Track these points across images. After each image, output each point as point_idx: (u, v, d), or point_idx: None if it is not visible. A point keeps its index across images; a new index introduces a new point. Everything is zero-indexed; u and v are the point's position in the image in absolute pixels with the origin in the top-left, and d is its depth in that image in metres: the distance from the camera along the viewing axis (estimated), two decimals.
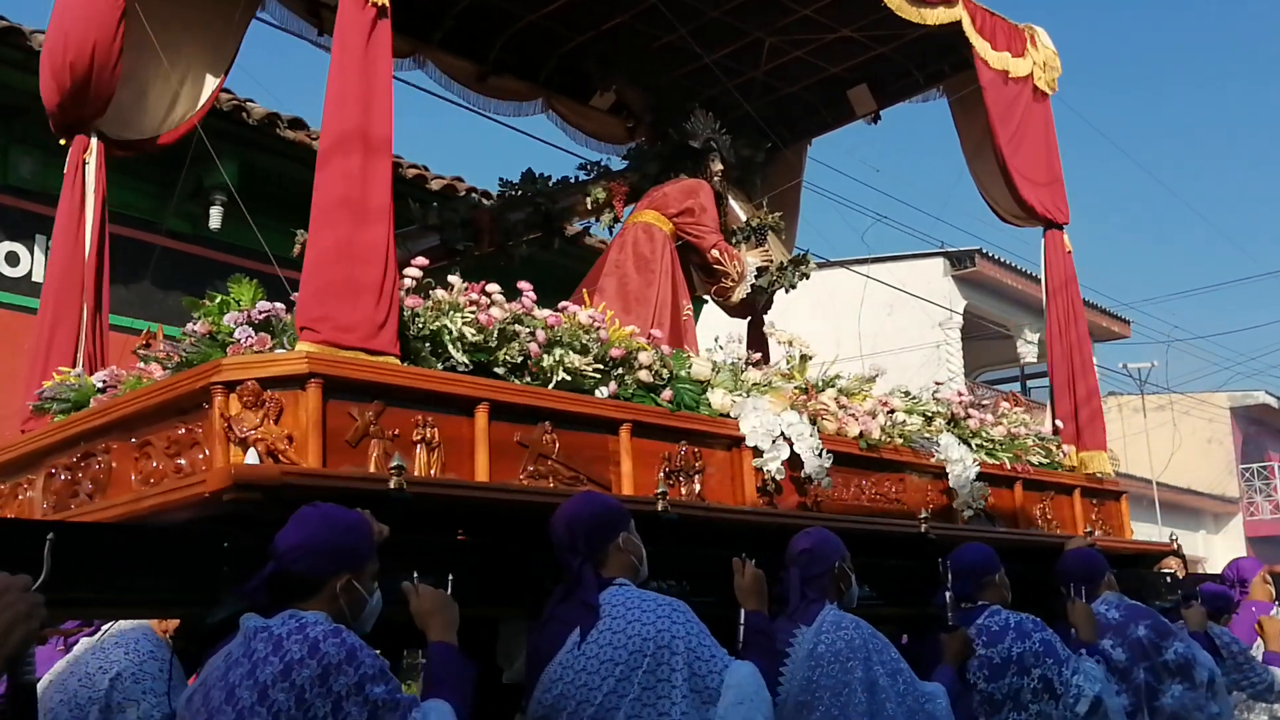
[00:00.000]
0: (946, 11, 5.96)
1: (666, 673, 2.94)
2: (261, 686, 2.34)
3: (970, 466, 5.15)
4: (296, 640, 2.40)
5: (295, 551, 2.57)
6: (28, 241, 7.47)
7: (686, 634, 3.01)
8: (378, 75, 3.66)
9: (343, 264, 3.44)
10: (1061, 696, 4.19)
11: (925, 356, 17.92)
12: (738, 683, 3.01)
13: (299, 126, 8.15)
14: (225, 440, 3.13)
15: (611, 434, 3.92)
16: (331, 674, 2.38)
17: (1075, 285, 6.39)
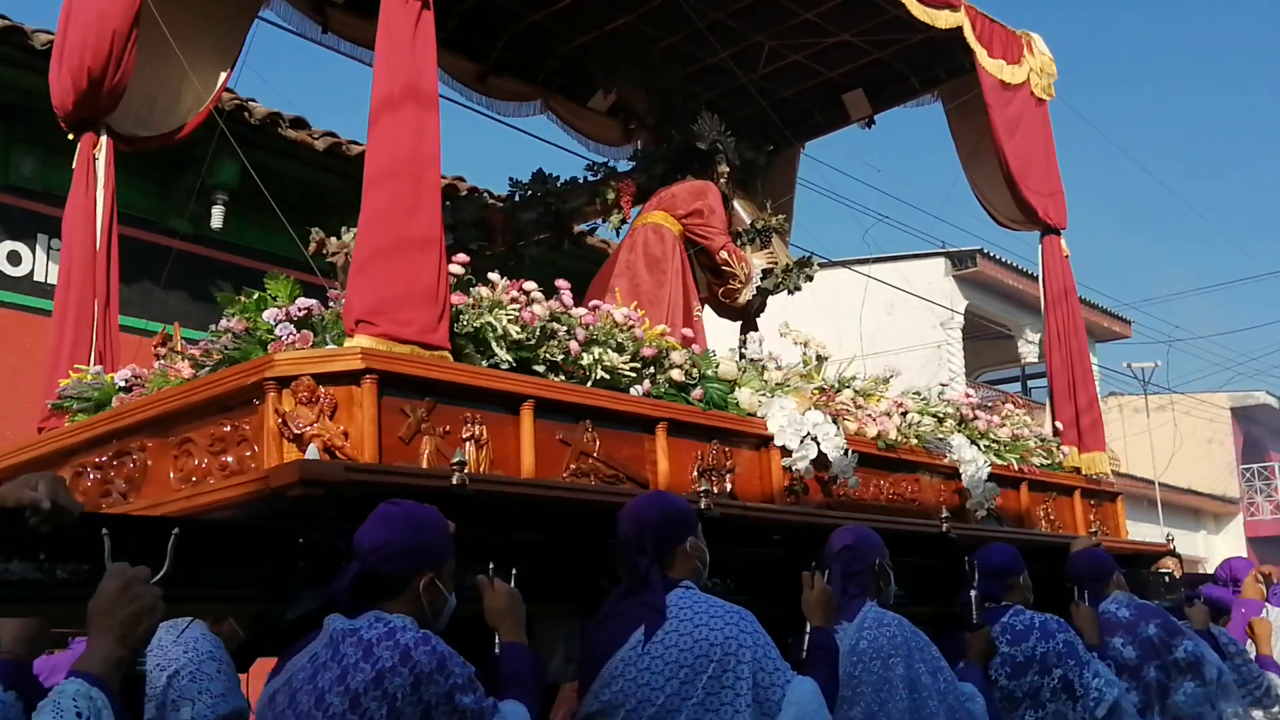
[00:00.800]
0: (951, 15, 6.03)
1: (731, 680, 2.93)
2: (354, 695, 2.31)
3: (983, 467, 5.21)
4: (387, 647, 2.37)
5: (381, 550, 2.54)
6: (29, 241, 7.38)
7: (754, 644, 3.00)
8: (425, 68, 3.63)
9: (397, 258, 3.41)
10: (1081, 699, 4.22)
11: (926, 356, 17.99)
12: (799, 699, 3.00)
13: (300, 126, 8.11)
14: (278, 436, 3.08)
15: (648, 433, 3.92)
16: (423, 683, 2.36)
17: (1074, 291, 6.48)
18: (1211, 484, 26.13)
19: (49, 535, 2.21)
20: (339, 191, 8.31)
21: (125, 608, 2.08)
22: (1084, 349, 6.43)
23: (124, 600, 2.08)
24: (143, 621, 2.10)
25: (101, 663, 2.03)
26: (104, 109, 4.66)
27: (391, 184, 3.47)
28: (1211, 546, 26.11)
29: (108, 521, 2.37)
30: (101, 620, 2.08)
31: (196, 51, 5.07)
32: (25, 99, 7.17)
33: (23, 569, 2.17)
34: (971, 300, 19.21)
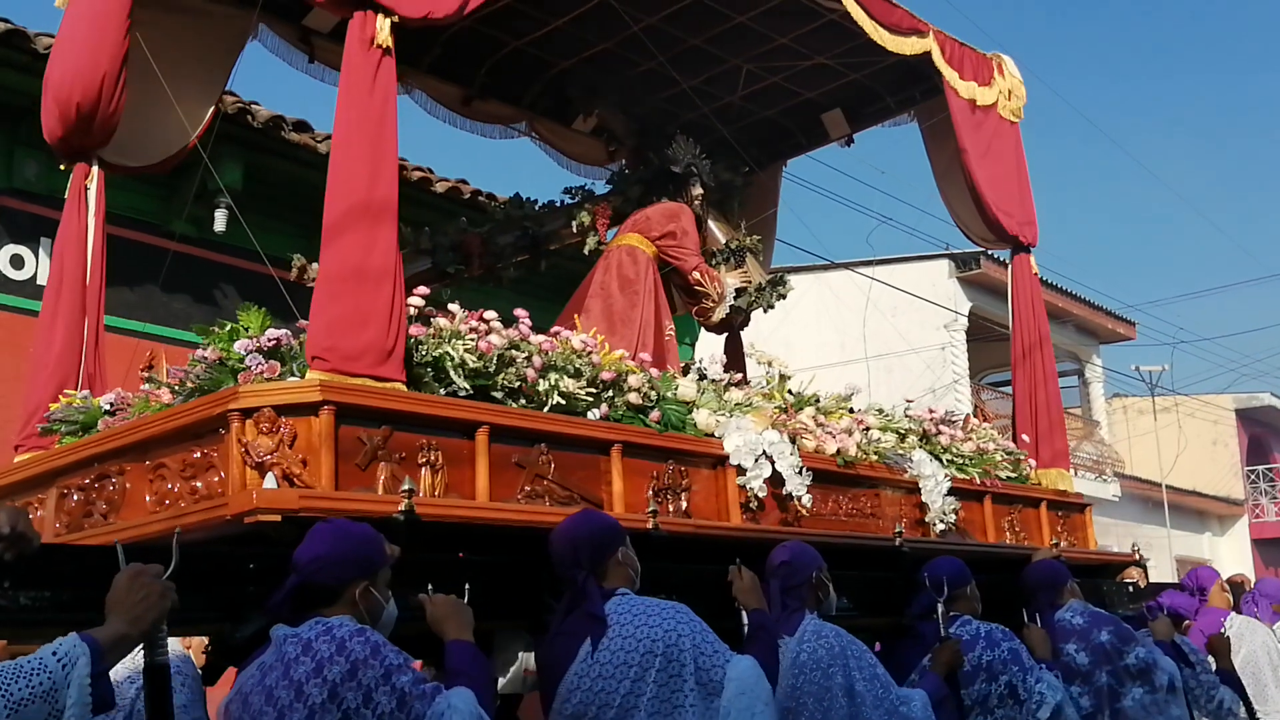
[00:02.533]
0: (919, 41, 6.20)
1: (678, 669, 3.16)
2: (296, 684, 2.53)
3: (942, 482, 5.38)
4: (325, 641, 2.59)
5: (315, 563, 2.76)
6: (32, 244, 7.46)
7: (691, 632, 3.23)
8: (385, 114, 3.84)
9: (351, 295, 3.62)
10: (1025, 702, 4.41)
11: (930, 359, 18.06)
12: (739, 675, 3.23)
13: (304, 129, 8.18)
14: (242, 464, 3.29)
15: (603, 454, 4.12)
16: (360, 668, 2.57)
17: (1042, 309, 6.64)
18: (1216, 486, 26.06)
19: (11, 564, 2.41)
20: None
21: (134, 594, 2.33)
22: (1051, 368, 6.58)
23: (133, 588, 2.34)
24: (152, 606, 2.35)
25: (105, 634, 2.27)
26: (96, 142, 4.84)
27: (349, 225, 3.68)
28: (1216, 549, 26.06)
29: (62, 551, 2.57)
30: (115, 606, 2.33)
31: (185, 84, 5.27)
32: (29, 102, 7.15)
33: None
34: (975, 302, 19.22)
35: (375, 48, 3.85)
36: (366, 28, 3.87)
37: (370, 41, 3.85)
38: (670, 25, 6.33)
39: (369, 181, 3.74)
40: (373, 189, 3.74)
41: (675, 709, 3.15)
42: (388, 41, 3.88)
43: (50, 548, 2.56)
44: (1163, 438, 22.38)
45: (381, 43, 3.85)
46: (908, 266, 18.45)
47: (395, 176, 3.84)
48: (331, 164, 3.80)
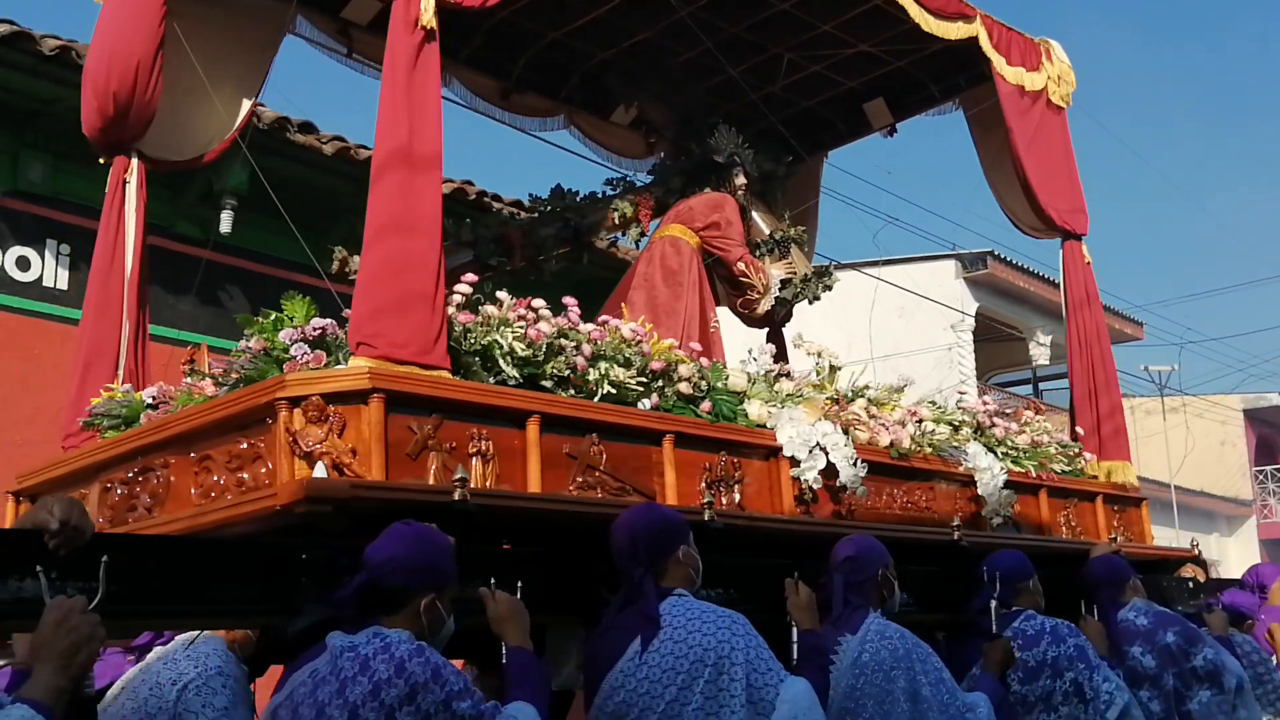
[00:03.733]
0: (965, 26, 6.07)
1: (727, 683, 3.01)
2: (351, 706, 2.42)
3: (998, 474, 5.24)
4: (383, 660, 2.48)
5: (388, 565, 2.65)
6: (38, 246, 7.46)
7: (746, 646, 3.09)
8: (428, 96, 3.76)
9: (395, 280, 3.54)
10: (1091, 701, 4.26)
11: (937, 359, 17.92)
12: (792, 697, 3.08)
13: (309, 130, 8.16)
14: (290, 454, 3.20)
15: (655, 445, 4.01)
16: (419, 693, 2.46)
17: (1096, 297, 6.48)
18: (1224, 486, 25.88)
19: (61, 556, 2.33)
20: (348, 196, 8.32)
21: (64, 639, 2.18)
22: (1107, 356, 6.42)
23: (61, 632, 2.18)
24: (81, 651, 2.20)
25: (44, 691, 2.13)
26: (133, 134, 4.81)
27: (392, 207, 3.59)
28: (1225, 549, 25.79)
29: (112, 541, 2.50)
30: (42, 652, 2.18)
31: (223, 76, 5.22)
32: (35, 104, 7.29)
33: (34, 587, 2.30)
34: (982, 302, 19.10)
35: (419, 29, 3.76)
36: (410, 9, 3.79)
37: (414, 23, 3.77)
38: (711, 14, 6.22)
39: (412, 165, 3.65)
40: (416, 175, 3.65)
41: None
42: (432, 23, 3.79)
43: (102, 538, 2.46)
44: (1170, 438, 22.17)
45: (425, 24, 3.77)
46: (915, 267, 18.38)
47: (440, 161, 3.76)
48: (375, 148, 3.72)
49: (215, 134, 5.32)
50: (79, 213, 7.60)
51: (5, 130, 7.37)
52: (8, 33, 6.90)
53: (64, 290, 7.55)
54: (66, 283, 7.59)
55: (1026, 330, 19.98)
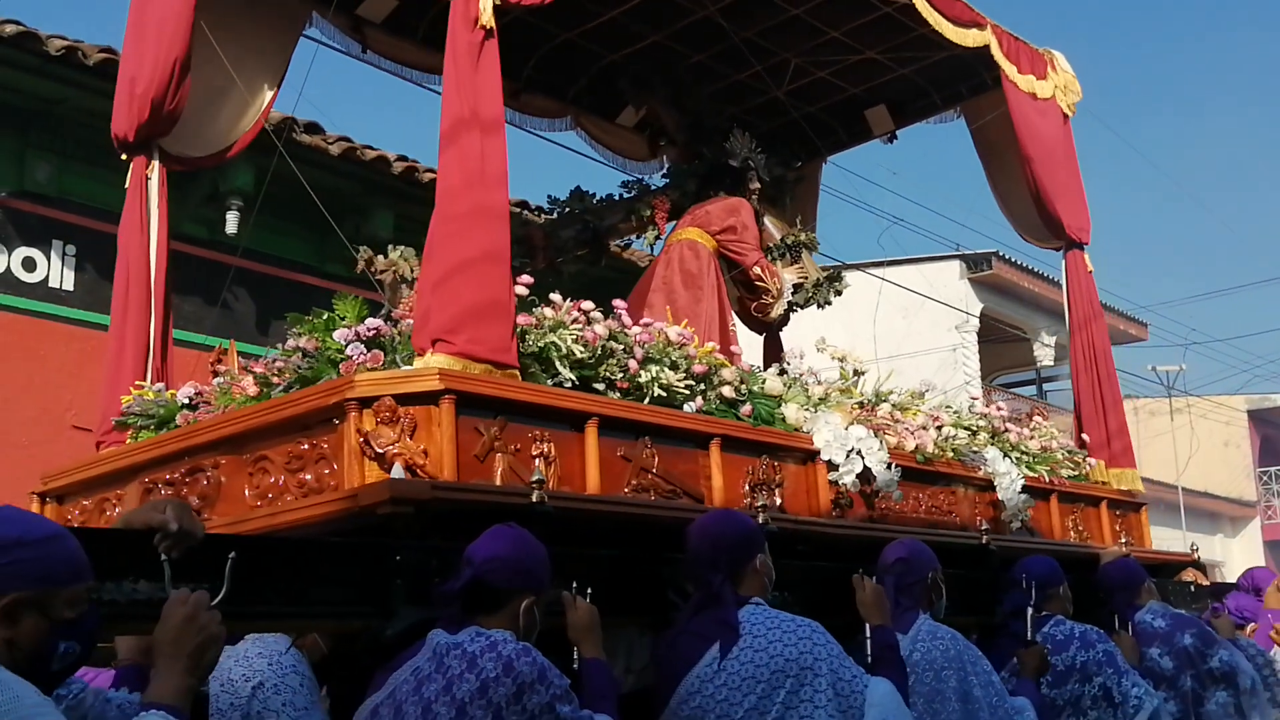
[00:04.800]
0: (979, 34, 6.13)
1: (810, 693, 3.01)
2: (459, 704, 2.40)
3: (1016, 479, 5.30)
4: (491, 658, 2.47)
5: (492, 563, 2.64)
6: (44, 247, 7.40)
7: (829, 655, 3.10)
8: (490, 93, 3.75)
9: (469, 278, 3.51)
10: (1120, 706, 4.32)
11: (942, 359, 17.98)
12: (879, 700, 3.10)
13: (315, 131, 8.13)
14: (360, 454, 3.17)
15: (702, 449, 4.03)
16: (526, 692, 2.45)
17: (1099, 309, 6.57)
18: (1228, 487, 26.01)
19: (173, 557, 2.29)
20: (354, 196, 8.38)
21: (193, 639, 2.12)
22: (1111, 369, 6.51)
23: (191, 631, 2.12)
24: (209, 651, 2.16)
25: (175, 693, 2.07)
26: (159, 132, 4.75)
27: (462, 205, 3.57)
28: (1229, 550, 26.00)
29: (226, 543, 2.45)
30: (170, 649, 2.11)
31: (244, 73, 5.17)
32: (41, 105, 7.23)
33: (149, 589, 2.26)
34: (987, 303, 19.13)
35: (479, 28, 3.74)
36: (470, 8, 3.77)
37: (474, 22, 3.74)
38: (727, 18, 6.24)
39: (480, 161, 3.63)
40: (485, 167, 3.63)
41: None
42: (491, 22, 3.77)
43: (214, 539, 2.42)
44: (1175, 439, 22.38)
45: (485, 23, 3.75)
46: (919, 267, 18.34)
47: (505, 154, 3.74)
48: (441, 145, 3.69)
49: (236, 130, 5.26)
50: (85, 213, 7.54)
51: (11, 130, 7.32)
52: (14, 33, 6.86)
53: (69, 291, 7.50)
54: (72, 283, 7.54)
55: (1030, 331, 20.07)
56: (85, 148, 7.34)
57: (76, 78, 7.11)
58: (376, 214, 8.52)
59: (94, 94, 7.12)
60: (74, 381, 7.20)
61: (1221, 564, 23.15)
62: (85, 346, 7.31)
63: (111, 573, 2.24)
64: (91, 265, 7.53)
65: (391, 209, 8.76)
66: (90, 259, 7.51)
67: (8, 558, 1.87)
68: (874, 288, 16.99)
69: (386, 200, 8.70)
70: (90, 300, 7.46)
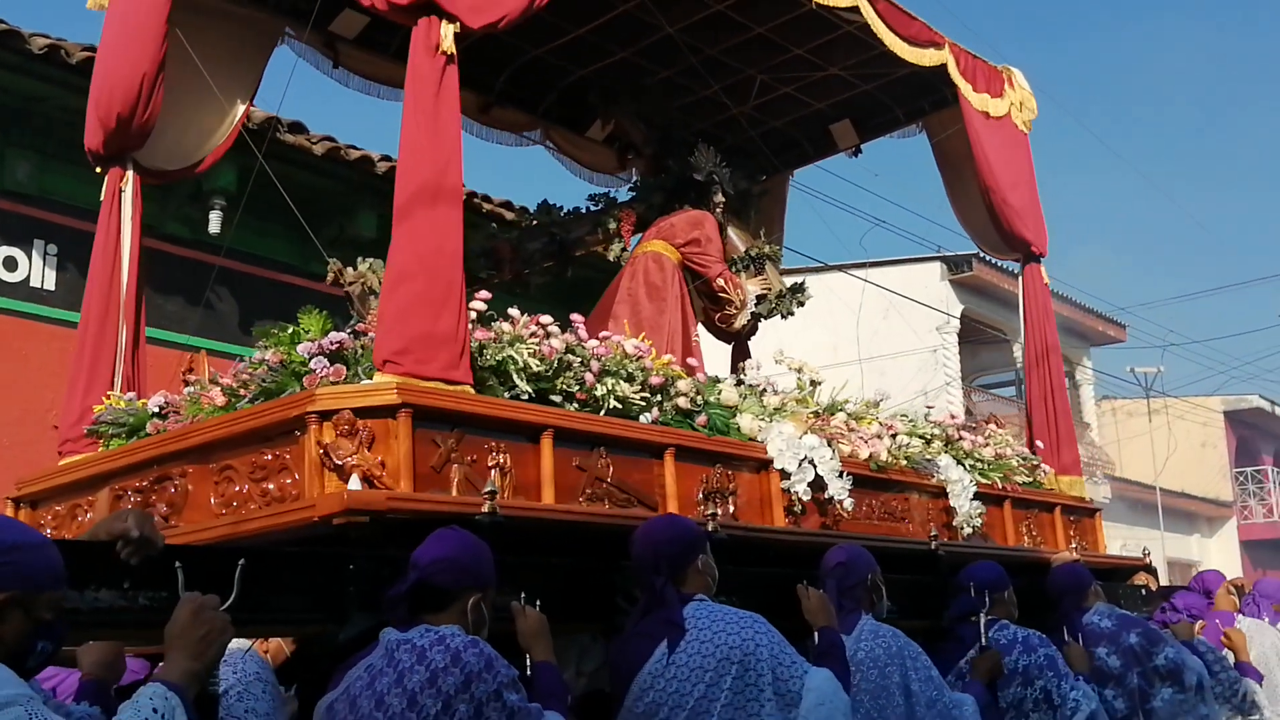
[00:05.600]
0: (935, 53, 6.29)
1: (754, 678, 3.19)
2: (411, 694, 2.54)
3: (968, 486, 5.46)
4: (439, 651, 2.61)
5: (438, 564, 2.78)
6: (25, 246, 7.40)
7: (769, 643, 3.27)
8: (449, 118, 3.88)
9: (420, 300, 3.64)
10: (1059, 708, 4.49)
11: (922, 361, 18.14)
12: (817, 686, 3.27)
13: (299, 131, 8.16)
14: (319, 465, 3.30)
15: (657, 458, 4.16)
16: (473, 681, 2.59)
17: (1052, 319, 6.75)
18: (1205, 487, 26.20)
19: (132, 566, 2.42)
20: (337, 196, 8.38)
21: (197, 630, 2.29)
22: (1060, 378, 6.69)
23: (196, 624, 2.29)
24: (213, 642, 2.32)
25: (179, 674, 2.24)
26: (132, 146, 4.86)
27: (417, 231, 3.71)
28: (1205, 550, 26.23)
29: (182, 553, 2.58)
30: (176, 641, 2.29)
31: (219, 88, 5.28)
32: (22, 103, 7.24)
33: (110, 597, 2.39)
34: (967, 305, 19.27)
35: (440, 54, 3.88)
36: (431, 34, 3.90)
37: (435, 48, 3.88)
38: (690, 35, 6.40)
39: (435, 186, 3.77)
40: (440, 194, 3.77)
41: (750, 717, 3.19)
42: (451, 49, 3.91)
43: (172, 549, 2.55)
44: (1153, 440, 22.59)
45: (446, 49, 3.89)
46: (900, 269, 18.45)
47: (461, 181, 3.87)
48: (399, 169, 3.83)
49: (208, 144, 5.38)
50: (66, 212, 7.55)
51: None
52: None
53: (51, 290, 7.49)
54: (54, 283, 7.53)
55: (1010, 332, 20.13)
56: (67, 147, 7.28)
57: (59, 76, 7.12)
58: (360, 214, 8.54)
59: (76, 93, 7.09)
60: (56, 381, 7.17)
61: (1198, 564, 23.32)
62: (67, 346, 7.18)
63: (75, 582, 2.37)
64: (73, 265, 7.51)
65: (375, 209, 8.79)
66: (72, 258, 7.50)
67: (4, 559, 2.02)
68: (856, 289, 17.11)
69: (371, 200, 8.75)
70: (72, 300, 7.42)
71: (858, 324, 17.40)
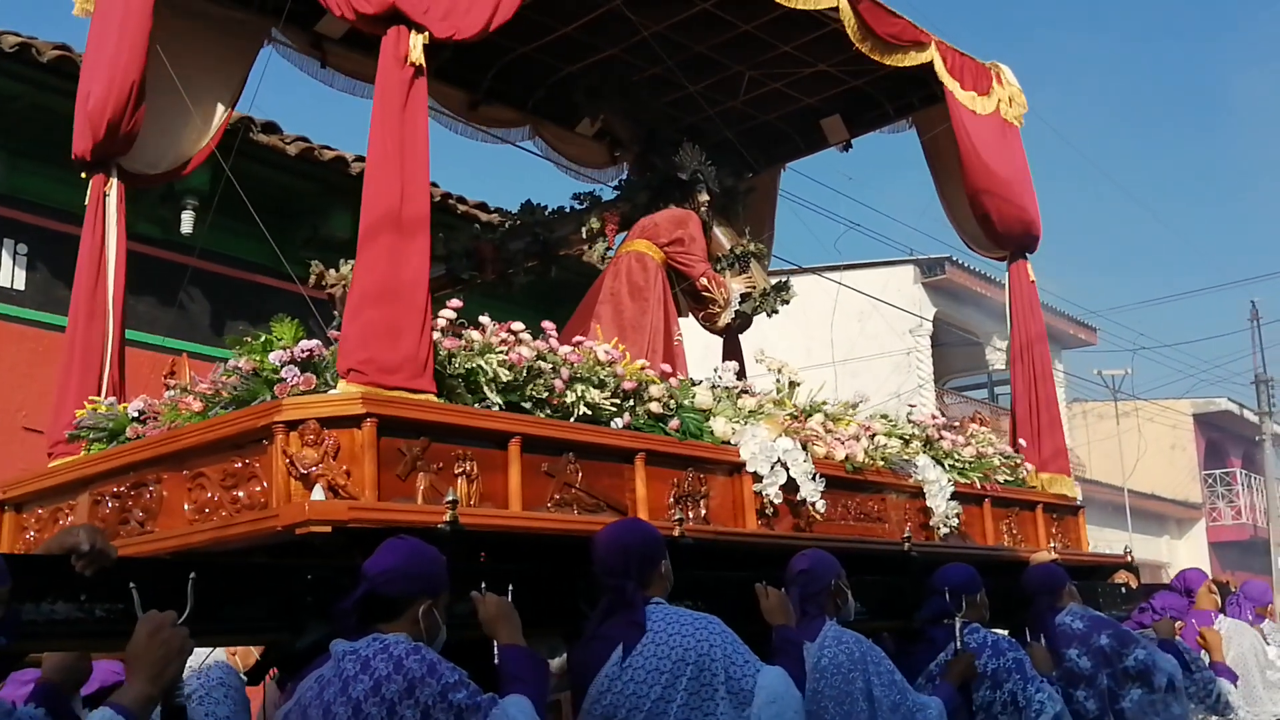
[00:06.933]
0: (918, 54, 6.30)
1: (708, 679, 3.27)
2: (355, 703, 2.62)
3: (946, 486, 5.50)
4: (382, 659, 2.69)
5: (387, 575, 2.86)
6: None
7: (723, 644, 3.34)
8: (417, 131, 3.92)
9: (384, 309, 3.70)
10: (1024, 710, 4.55)
11: (896, 363, 18.24)
12: (769, 684, 3.34)
13: (272, 131, 8.21)
14: (286, 474, 3.37)
15: (628, 463, 4.21)
16: (417, 686, 2.66)
17: (1040, 315, 6.77)
18: (1174, 489, 26.48)
19: (89, 579, 2.49)
20: (311, 196, 8.44)
21: (155, 651, 2.36)
22: (1048, 374, 6.71)
23: (154, 645, 2.37)
24: (171, 663, 2.40)
25: (132, 699, 2.31)
26: (118, 151, 4.91)
27: (382, 240, 3.77)
28: (1175, 551, 26.44)
29: (137, 565, 2.66)
30: (136, 663, 2.36)
31: (202, 91, 5.33)
32: None
33: (66, 609, 2.46)
34: (940, 308, 19.42)
35: (408, 65, 3.92)
36: (400, 45, 3.94)
37: (404, 59, 3.92)
38: (677, 33, 6.43)
39: (402, 197, 3.82)
40: (405, 204, 3.82)
41: (705, 717, 3.26)
42: (420, 59, 3.95)
43: (125, 561, 2.63)
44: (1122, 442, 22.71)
45: (415, 60, 3.93)
46: (874, 271, 18.60)
47: (427, 192, 3.92)
48: (366, 179, 3.88)
49: (191, 147, 5.42)
50: (37, 212, 7.58)
51: None
52: None
53: (21, 290, 7.52)
54: (23, 283, 7.56)
55: (983, 335, 20.32)
56: (38, 145, 7.35)
57: (30, 74, 7.15)
58: (334, 214, 8.57)
59: (47, 91, 7.19)
60: (26, 382, 7.28)
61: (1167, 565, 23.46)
62: (37, 347, 7.38)
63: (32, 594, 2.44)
64: (44, 265, 7.56)
65: (349, 209, 8.73)
66: (42, 258, 7.55)
67: None
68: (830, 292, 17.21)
69: (345, 200, 8.75)
70: (42, 300, 7.52)
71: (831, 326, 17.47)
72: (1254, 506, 28.29)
